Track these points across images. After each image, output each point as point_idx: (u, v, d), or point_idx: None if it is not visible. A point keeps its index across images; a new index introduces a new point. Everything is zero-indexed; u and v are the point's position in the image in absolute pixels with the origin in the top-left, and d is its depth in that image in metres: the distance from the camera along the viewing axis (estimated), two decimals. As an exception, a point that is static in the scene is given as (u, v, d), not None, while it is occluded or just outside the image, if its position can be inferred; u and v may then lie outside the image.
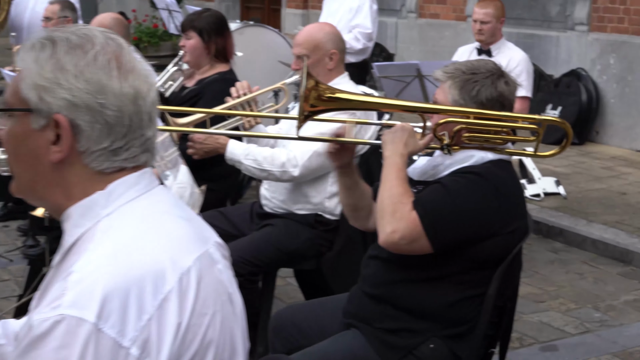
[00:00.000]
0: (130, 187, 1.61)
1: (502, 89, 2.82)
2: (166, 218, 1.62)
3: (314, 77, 2.78)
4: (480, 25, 5.99)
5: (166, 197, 1.68)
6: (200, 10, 5.10)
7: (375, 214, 2.79)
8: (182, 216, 1.66)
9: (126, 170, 1.61)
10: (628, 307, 4.96)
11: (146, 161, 1.65)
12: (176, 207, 1.68)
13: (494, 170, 2.79)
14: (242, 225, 4.25)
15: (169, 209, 1.65)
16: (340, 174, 3.01)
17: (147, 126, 1.62)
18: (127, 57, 1.61)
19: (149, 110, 1.62)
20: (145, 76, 1.63)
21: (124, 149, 1.59)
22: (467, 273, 2.79)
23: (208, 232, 1.73)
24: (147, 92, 1.61)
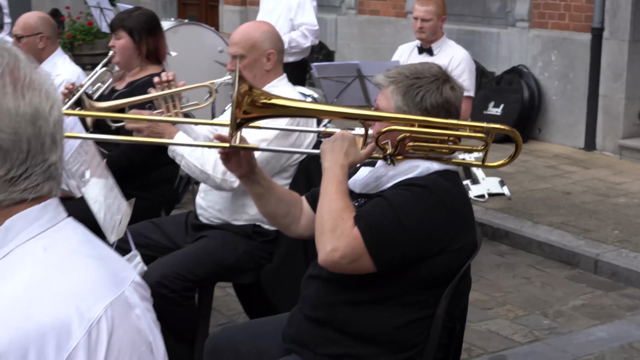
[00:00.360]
0: (31, 222, 1.39)
1: (448, 95, 2.64)
2: (73, 259, 1.40)
3: (247, 81, 2.56)
4: (421, 23, 5.83)
5: (74, 232, 1.45)
6: (130, 9, 4.84)
7: (315, 231, 2.58)
8: (92, 255, 1.43)
9: (26, 202, 1.38)
10: (577, 313, 4.84)
11: (50, 191, 1.42)
12: (86, 245, 1.45)
13: (440, 182, 2.60)
14: (176, 237, 4.02)
15: (76, 247, 1.42)
16: (245, 182, 2.80)
17: (50, 150, 1.39)
18: (24, 70, 1.38)
19: (51, 131, 1.39)
20: (46, 92, 1.40)
21: (23, 178, 1.36)
22: (414, 293, 2.60)
23: (125, 270, 1.50)
24: (49, 111, 1.39)
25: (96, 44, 13.43)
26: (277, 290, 3.91)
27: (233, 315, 4.84)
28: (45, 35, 5.31)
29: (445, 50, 5.90)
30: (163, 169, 4.67)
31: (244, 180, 2.80)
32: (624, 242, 5.63)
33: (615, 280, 5.30)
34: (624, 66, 7.74)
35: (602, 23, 7.87)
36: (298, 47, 7.01)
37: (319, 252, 2.52)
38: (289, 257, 3.87)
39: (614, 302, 4.99)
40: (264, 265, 3.89)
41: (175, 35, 7.35)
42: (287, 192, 2.90)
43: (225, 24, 12.68)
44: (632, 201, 6.50)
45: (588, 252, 5.50)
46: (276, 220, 2.91)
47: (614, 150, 7.88)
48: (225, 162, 2.74)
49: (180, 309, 3.76)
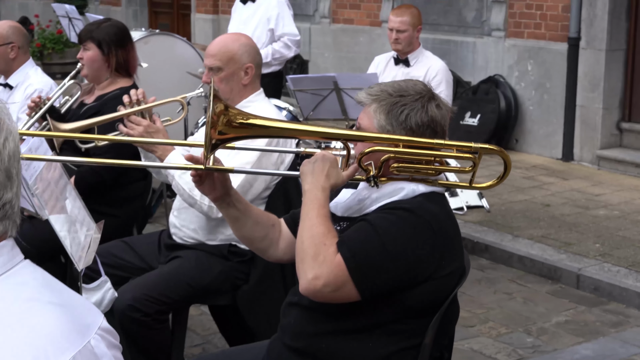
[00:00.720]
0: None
1: (433, 114, 2.51)
2: (32, 307, 1.26)
3: (223, 99, 2.42)
4: (397, 34, 5.72)
5: (32, 277, 1.31)
6: (99, 20, 4.69)
7: (295, 257, 2.45)
8: (53, 302, 1.28)
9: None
10: (560, 330, 4.73)
11: (5, 231, 1.28)
12: (46, 290, 1.30)
13: (426, 205, 2.47)
14: (149, 257, 3.87)
15: (35, 294, 1.28)
16: (220, 205, 2.66)
17: (3, 187, 1.25)
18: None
19: (5, 166, 1.25)
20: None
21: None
22: (400, 322, 2.47)
23: (90, 315, 1.35)
24: (3, 143, 1.25)
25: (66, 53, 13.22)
26: (254, 312, 3.78)
27: (208, 336, 4.69)
28: (16, 44, 5.14)
29: (422, 61, 5.79)
30: (135, 185, 4.53)
31: (218, 204, 2.66)
32: (605, 255, 5.54)
33: (597, 295, 5.21)
34: (601, 76, 7.68)
35: (578, 32, 7.81)
36: (282, 58, 6.89)
37: (300, 279, 2.39)
38: (266, 278, 3.74)
39: (598, 318, 4.90)
40: (240, 286, 3.75)
41: (146, 46, 7.18)
42: (264, 215, 2.76)
43: (197, 33, 12.52)
44: (612, 213, 6.42)
45: (570, 267, 5.40)
46: (253, 244, 2.77)
47: (592, 160, 7.81)
48: (198, 184, 2.60)
49: (153, 332, 3.61)
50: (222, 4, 12.28)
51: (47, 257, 4.22)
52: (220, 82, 3.64)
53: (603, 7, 7.63)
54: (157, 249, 3.89)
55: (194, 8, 12.69)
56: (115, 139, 3.31)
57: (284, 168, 3.70)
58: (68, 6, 8.47)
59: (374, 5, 10.15)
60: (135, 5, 14.07)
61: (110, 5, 14.53)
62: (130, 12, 14.00)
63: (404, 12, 5.78)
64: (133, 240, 4.05)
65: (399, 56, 5.83)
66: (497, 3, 8.64)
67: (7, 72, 5.20)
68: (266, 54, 6.64)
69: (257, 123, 2.42)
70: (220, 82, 3.65)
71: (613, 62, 7.71)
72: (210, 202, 3.51)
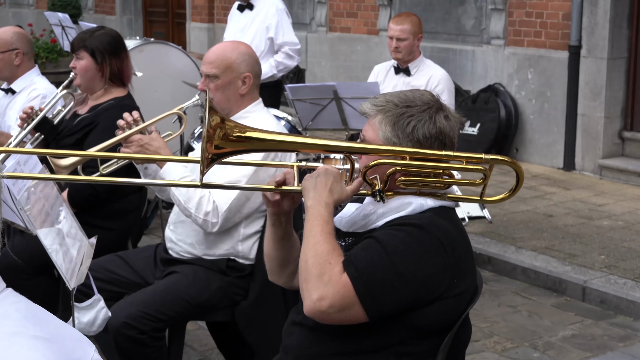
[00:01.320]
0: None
1: (441, 125, 2.40)
2: (15, 342, 1.14)
3: (218, 112, 2.30)
4: (397, 42, 5.61)
5: (15, 308, 1.18)
6: (93, 28, 4.56)
7: (299, 276, 2.32)
8: (38, 336, 1.16)
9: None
10: (567, 345, 4.61)
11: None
12: (31, 323, 1.18)
13: (435, 220, 2.35)
14: (145, 272, 3.76)
15: (19, 328, 1.16)
16: (273, 222, 2.53)
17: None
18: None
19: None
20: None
21: None
22: (409, 343, 2.35)
23: (80, 349, 1.23)
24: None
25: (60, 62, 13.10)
26: (253, 329, 3.67)
27: (206, 352, 4.57)
28: (21, 50, 5.03)
29: (423, 70, 5.68)
30: (130, 197, 4.41)
31: (273, 220, 2.52)
32: (611, 267, 5.42)
33: (604, 308, 5.09)
34: (603, 84, 7.58)
35: (579, 41, 7.71)
36: (286, 69, 6.81)
37: (304, 300, 2.26)
38: (266, 294, 3.63)
39: (605, 332, 4.78)
40: (238, 302, 3.64)
41: (141, 55, 7.08)
42: (297, 241, 2.61)
43: (193, 42, 12.42)
44: (616, 224, 6.30)
45: (575, 279, 5.28)
46: (283, 266, 2.63)
47: (594, 170, 7.70)
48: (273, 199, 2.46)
49: (149, 350, 3.50)
50: (217, 13, 12.18)
51: (39, 271, 4.11)
52: (216, 90, 3.54)
53: (604, 15, 7.53)
54: (152, 263, 3.78)
55: (189, 17, 12.59)
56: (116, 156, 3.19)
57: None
58: (61, 15, 8.36)
59: (371, 13, 10.05)
60: (130, 13, 13.96)
61: (104, 14, 14.42)
62: (125, 20, 13.89)
63: (405, 20, 5.67)
64: (128, 254, 3.93)
65: (399, 65, 5.72)
66: (497, 11, 8.54)
67: (11, 78, 5.09)
68: (270, 67, 6.56)
69: (255, 136, 2.30)
70: (217, 91, 3.54)
71: (615, 70, 7.60)
72: (206, 216, 3.41)
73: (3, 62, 5.00)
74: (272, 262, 2.66)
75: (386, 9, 9.77)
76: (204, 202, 3.41)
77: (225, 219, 3.45)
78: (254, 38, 6.58)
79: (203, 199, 3.41)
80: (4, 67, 5.02)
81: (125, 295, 3.67)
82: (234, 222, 3.52)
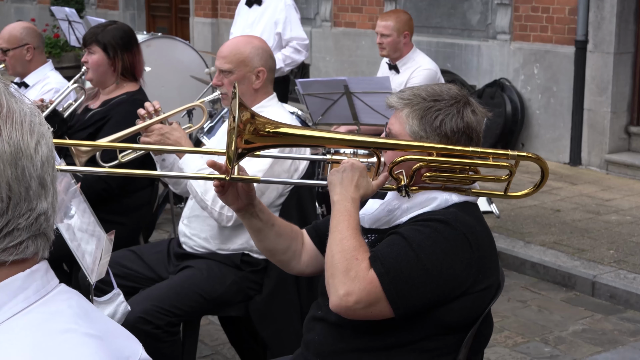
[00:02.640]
0: (14, 294, 1.12)
1: (469, 119, 2.40)
2: (67, 339, 1.12)
3: (249, 107, 2.30)
4: (380, 38, 5.62)
5: (67, 304, 1.17)
6: (105, 23, 4.55)
7: (325, 272, 2.32)
8: (90, 333, 1.15)
9: (5, 266, 1.11)
10: (578, 339, 4.62)
11: (36, 252, 1.15)
12: (83, 320, 1.16)
13: (461, 216, 2.35)
14: (158, 267, 3.75)
15: (71, 325, 1.14)
16: (243, 216, 2.54)
17: (37, 196, 1.12)
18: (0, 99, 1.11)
19: (39, 173, 1.12)
20: (30, 124, 1.13)
21: (2, 234, 1.10)
22: (433, 339, 2.35)
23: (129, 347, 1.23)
24: (35, 147, 1.12)
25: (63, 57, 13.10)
26: (267, 323, 3.67)
27: (217, 346, 4.57)
28: (32, 45, 5.03)
29: (410, 67, 5.64)
30: (142, 192, 4.40)
31: (241, 214, 2.53)
32: (620, 262, 5.43)
33: (614, 303, 5.09)
34: (609, 79, 7.57)
35: (586, 35, 7.71)
36: (294, 64, 6.81)
37: (330, 295, 2.26)
38: (280, 288, 3.63)
39: (615, 327, 4.78)
40: (253, 296, 3.64)
41: (148, 49, 7.05)
42: (287, 226, 2.64)
43: (196, 37, 12.40)
44: (624, 218, 6.31)
45: (585, 274, 5.29)
46: (275, 256, 2.65)
47: (600, 165, 7.71)
48: (220, 194, 2.47)
49: (164, 344, 3.50)
50: (221, 8, 12.16)
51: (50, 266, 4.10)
52: (230, 85, 3.54)
53: (611, 9, 7.53)
54: (166, 258, 3.78)
55: (192, 11, 12.56)
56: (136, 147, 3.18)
57: (298, 175, 3.59)
58: (68, 9, 8.35)
59: (375, 8, 10.04)
60: (133, 8, 13.94)
61: (107, 9, 14.39)
62: (128, 15, 13.86)
63: (390, 17, 5.66)
64: (141, 249, 3.93)
65: (390, 62, 5.73)
66: (502, 6, 8.53)
67: (24, 74, 5.08)
68: (277, 61, 6.54)
69: (286, 132, 2.30)
70: (230, 85, 3.54)
71: (621, 65, 7.60)
72: (222, 209, 3.41)
73: (15, 58, 4.99)
74: (264, 254, 2.69)
75: (391, 3, 9.76)
76: None
77: None
78: (262, 33, 6.58)
79: None
80: (16, 63, 5.01)
81: (139, 290, 3.67)
82: None
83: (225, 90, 3.57)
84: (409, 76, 5.52)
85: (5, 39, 4.99)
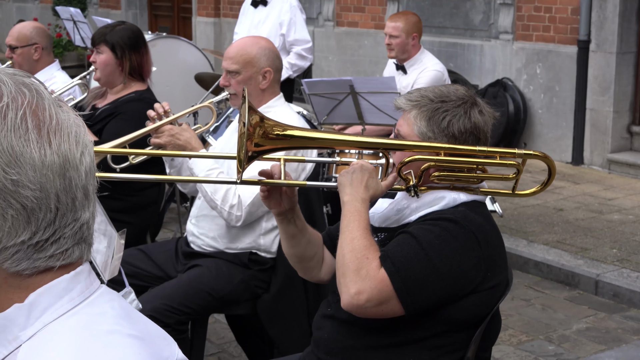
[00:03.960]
0: (59, 296, 1.15)
1: (476, 120, 2.43)
2: (112, 340, 1.16)
3: (258, 111, 2.34)
4: (389, 39, 5.66)
5: (110, 305, 1.20)
6: (114, 23, 4.59)
7: (336, 271, 2.36)
8: (133, 334, 1.18)
9: (52, 271, 1.15)
10: (582, 338, 4.66)
11: (81, 256, 1.18)
12: (125, 321, 1.20)
13: (469, 215, 2.39)
14: (166, 266, 3.79)
15: (115, 326, 1.18)
16: (281, 221, 2.57)
17: (82, 207, 1.16)
18: (48, 110, 1.14)
19: (83, 183, 1.15)
20: (75, 135, 1.15)
21: (50, 242, 1.13)
22: (442, 336, 2.39)
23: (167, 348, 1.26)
24: (80, 158, 1.15)
25: (66, 56, 13.14)
26: (275, 322, 3.70)
27: (223, 344, 4.61)
28: (40, 45, 5.07)
29: (417, 68, 5.68)
30: (148, 190, 4.44)
31: (280, 219, 2.56)
32: (623, 261, 5.46)
33: (617, 301, 5.13)
34: (612, 79, 7.61)
35: (588, 35, 7.74)
36: (300, 70, 6.87)
37: (342, 294, 2.30)
38: (288, 287, 3.66)
39: (619, 325, 4.82)
40: (260, 295, 3.67)
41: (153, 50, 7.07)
42: (315, 233, 2.66)
43: (199, 36, 12.43)
44: (626, 217, 6.34)
45: (588, 273, 5.32)
46: (302, 262, 2.67)
47: (602, 164, 7.74)
48: (264, 198, 2.50)
49: (172, 342, 3.52)
50: (223, 7, 12.19)
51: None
52: (237, 85, 3.58)
53: (613, 9, 7.56)
54: (174, 257, 3.81)
55: (195, 11, 12.60)
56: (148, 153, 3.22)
57: (305, 175, 3.62)
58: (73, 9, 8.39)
59: (378, 8, 10.07)
60: (135, 8, 13.97)
61: (109, 8, 14.43)
62: (130, 15, 13.89)
63: (399, 18, 5.70)
64: (149, 248, 3.97)
65: (397, 62, 5.77)
66: (505, 6, 8.57)
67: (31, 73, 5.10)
68: (285, 70, 6.62)
69: (294, 134, 2.34)
70: (238, 86, 3.57)
71: (623, 65, 7.64)
72: (231, 209, 3.44)
73: (22, 56, 5.03)
74: (291, 260, 2.70)
75: (394, 3, 9.79)
76: (229, 195, 3.44)
77: (248, 212, 3.49)
78: (268, 34, 6.61)
79: (229, 191, 3.44)
80: (23, 61, 5.05)
81: (147, 288, 3.70)
82: (256, 216, 3.55)
83: (233, 90, 3.61)
84: (416, 77, 5.55)
85: (15, 37, 5.04)
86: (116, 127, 4.10)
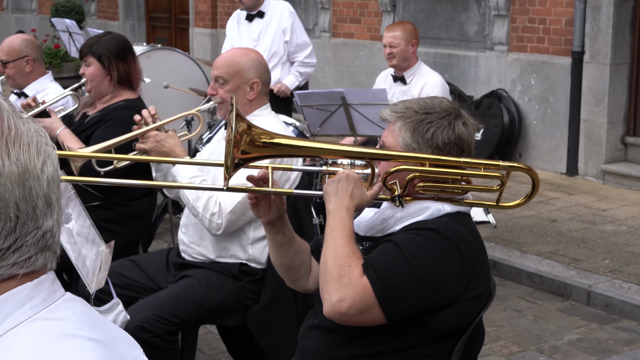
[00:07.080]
0: (21, 303, 1.17)
1: (460, 131, 2.45)
2: (71, 343, 1.17)
3: (245, 119, 2.35)
4: (389, 49, 5.69)
5: (72, 311, 1.22)
6: (99, 34, 4.60)
7: (319, 279, 2.37)
8: (94, 339, 1.20)
9: (17, 278, 1.17)
10: (573, 348, 4.66)
11: (45, 264, 1.20)
12: (86, 326, 1.21)
13: (452, 225, 2.40)
14: (157, 276, 3.79)
15: (75, 330, 1.19)
16: (269, 230, 2.58)
17: (43, 215, 1.17)
18: (7, 121, 1.16)
19: (45, 192, 1.17)
20: (37, 145, 1.17)
21: (11, 251, 1.15)
22: (424, 346, 2.40)
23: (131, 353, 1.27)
24: (41, 168, 1.17)
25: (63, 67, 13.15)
26: (265, 332, 3.71)
27: (215, 355, 4.61)
28: (31, 57, 5.08)
29: (419, 78, 5.73)
30: (140, 201, 4.45)
31: (268, 228, 2.57)
32: (615, 272, 5.47)
33: (609, 312, 5.14)
34: (606, 90, 7.63)
35: (582, 46, 7.77)
36: (308, 76, 7.01)
37: (324, 301, 2.31)
38: (277, 298, 3.67)
39: (610, 336, 4.83)
40: (250, 306, 3.68)
41: (148, 61, 7.13)
42: (302, 242, 2.67)
43: (196, 47, 12.46)
44: (619, 228, 6.35)
45: (580, 283, 5.33)
46: (290, 272, 2.68)
47: (597, 175, 7.76)
48: (253, 207, 2.51)
49: (163, 353, 3.54)
50: (220, 18, 12.22)
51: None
52: (225, 95, 3.60)
53: (607, 21, 7.59)
54: (165, 267, 3.82)
55: (192, 22, 12.64)
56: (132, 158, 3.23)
57: (290, 185, 3.63)
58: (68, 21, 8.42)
59: (374, 19, 10.11)
60: (133, 19, 14.01)
61: (107, 19, 14.47)
62: (128, 26, 13.93)
63: (396, 27, 5.77)
64: (140, 258, 3.97)
65: (396, 73, 5.79)
66: (500, 17, 8.60)
67: (24, 86, 5.12)
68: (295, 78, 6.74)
69: (281, 142, 2.35)
70: (225, 95, 3.60)
71: (617, 76, 7.66)
72: (212, 217, 3.45)
73: (14, 70, 5.04)
74: (279, 269, 2.71)
75: (389, 14, 9.82)
76: (211, 203, 3.46)
77: (228, 220, 3.49)
78: (271, 44, 6.66)
79: (211, 199, 3.46)
80: (16, 74, 5.06)
81: (138, 299, 3.71)
82: (238, 225, 3.55)
83: (220, 99, 3.63)
84: (421, 91, 5.59)
85: (5, 52, 5.04)
86: (104, 133, 4.11)
